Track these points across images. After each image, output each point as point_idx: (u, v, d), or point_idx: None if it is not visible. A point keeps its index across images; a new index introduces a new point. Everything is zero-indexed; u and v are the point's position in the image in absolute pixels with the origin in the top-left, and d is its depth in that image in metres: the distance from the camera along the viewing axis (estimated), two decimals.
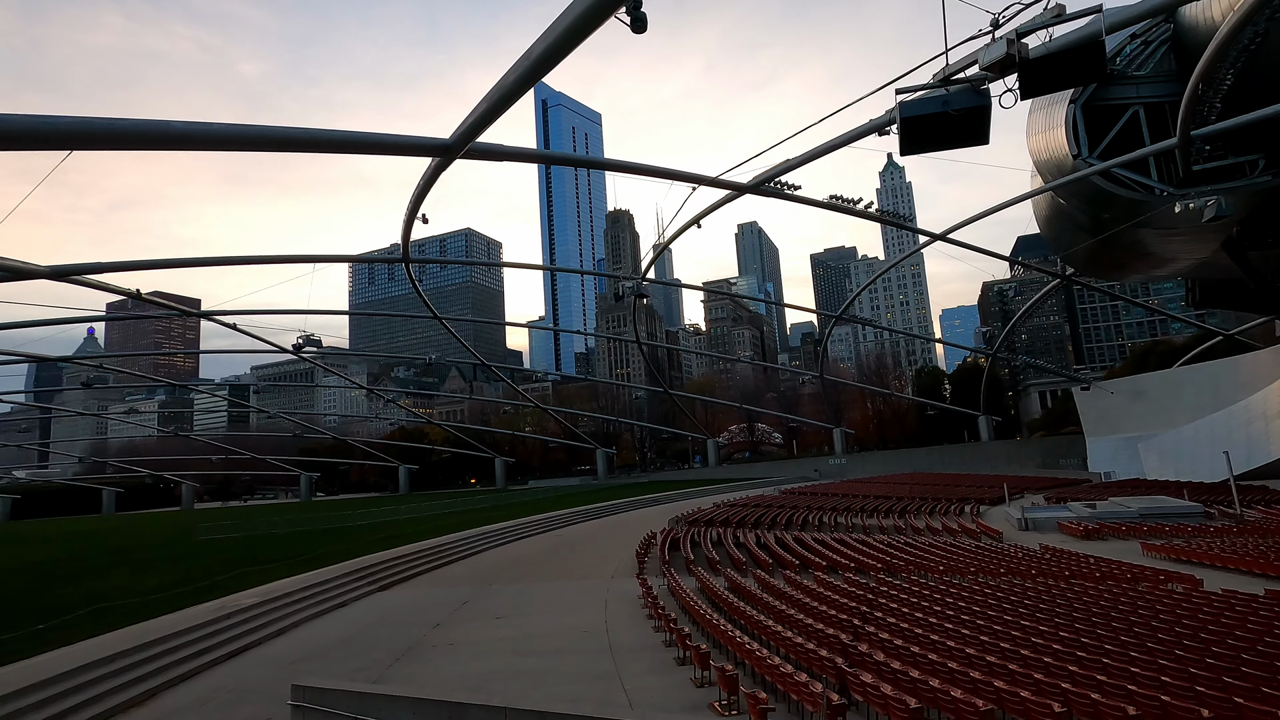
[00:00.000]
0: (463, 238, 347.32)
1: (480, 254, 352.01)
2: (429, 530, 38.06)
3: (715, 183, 29.81)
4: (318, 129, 14.49)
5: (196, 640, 16.50)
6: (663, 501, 62.25)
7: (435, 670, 14.42)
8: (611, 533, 40.66)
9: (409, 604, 22.05)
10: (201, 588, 21.91)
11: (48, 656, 14.56)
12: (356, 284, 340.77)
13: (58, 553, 39.39)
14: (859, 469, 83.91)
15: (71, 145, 11.42)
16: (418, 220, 27.47)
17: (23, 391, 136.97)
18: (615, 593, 21.83)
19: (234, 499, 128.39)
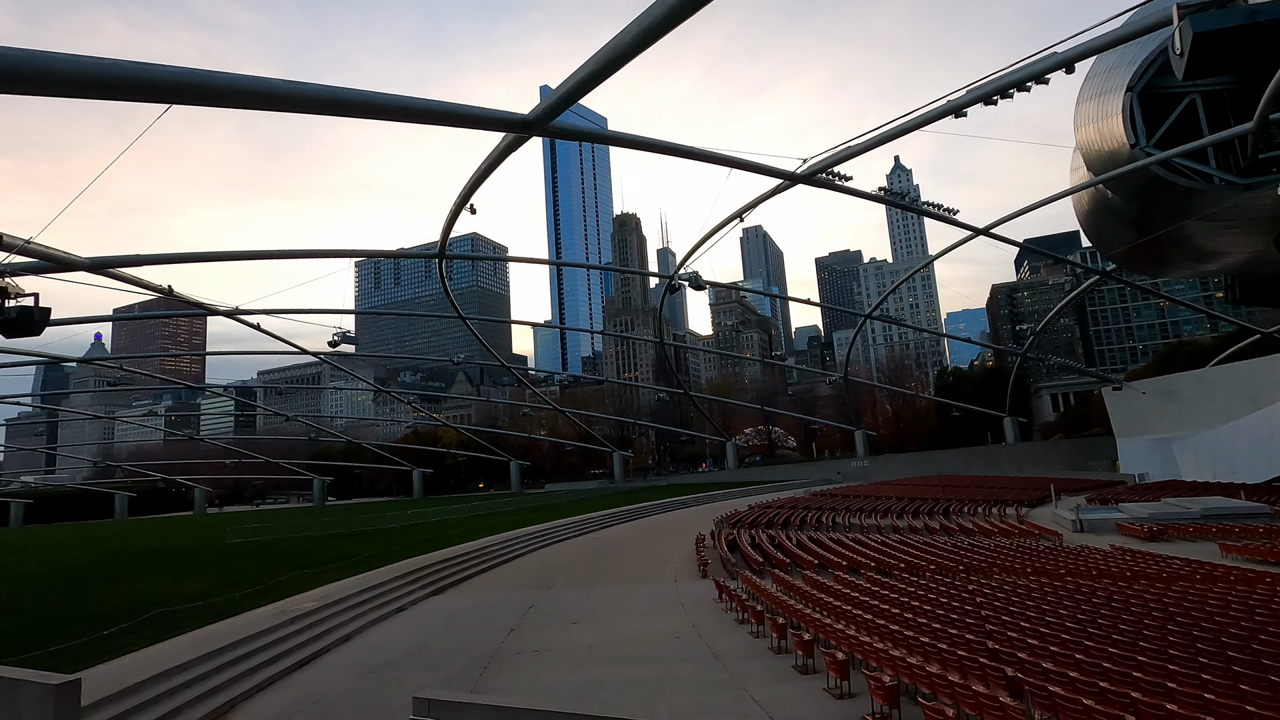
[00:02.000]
0: (468, 242, 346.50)
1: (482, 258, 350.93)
2: (465, 533, 37.05)
3: (767, 170, 28.87)
4: (401, 95, 13.67)
5: (266, 647, 15.50)
6: (690, 504, 61.20)
7: (533, 679, 13.41)
8: (649, 535, 39.65)
9: (470, 608, 21.05)
10: (255, 591, 20.91)
11: (116, 664, 13.59)
12: (363, 288, 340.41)
13: (85, 556, 38.41)
14: (882, 471, 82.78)
15: (174, 99, 10.55)
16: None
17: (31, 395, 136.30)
18: (686, 596, 20.83)
19: (245, 503, 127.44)
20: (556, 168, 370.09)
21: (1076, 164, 45.10)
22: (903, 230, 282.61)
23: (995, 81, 20.22)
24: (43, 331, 11.83)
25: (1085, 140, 38.31)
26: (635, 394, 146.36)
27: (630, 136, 20.34)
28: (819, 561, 23.18)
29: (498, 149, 19.01)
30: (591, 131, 18.73)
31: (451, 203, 27.16)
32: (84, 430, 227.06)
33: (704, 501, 63.98)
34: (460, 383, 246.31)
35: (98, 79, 9.71)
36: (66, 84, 9.65)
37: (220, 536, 46.80)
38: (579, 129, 18.09)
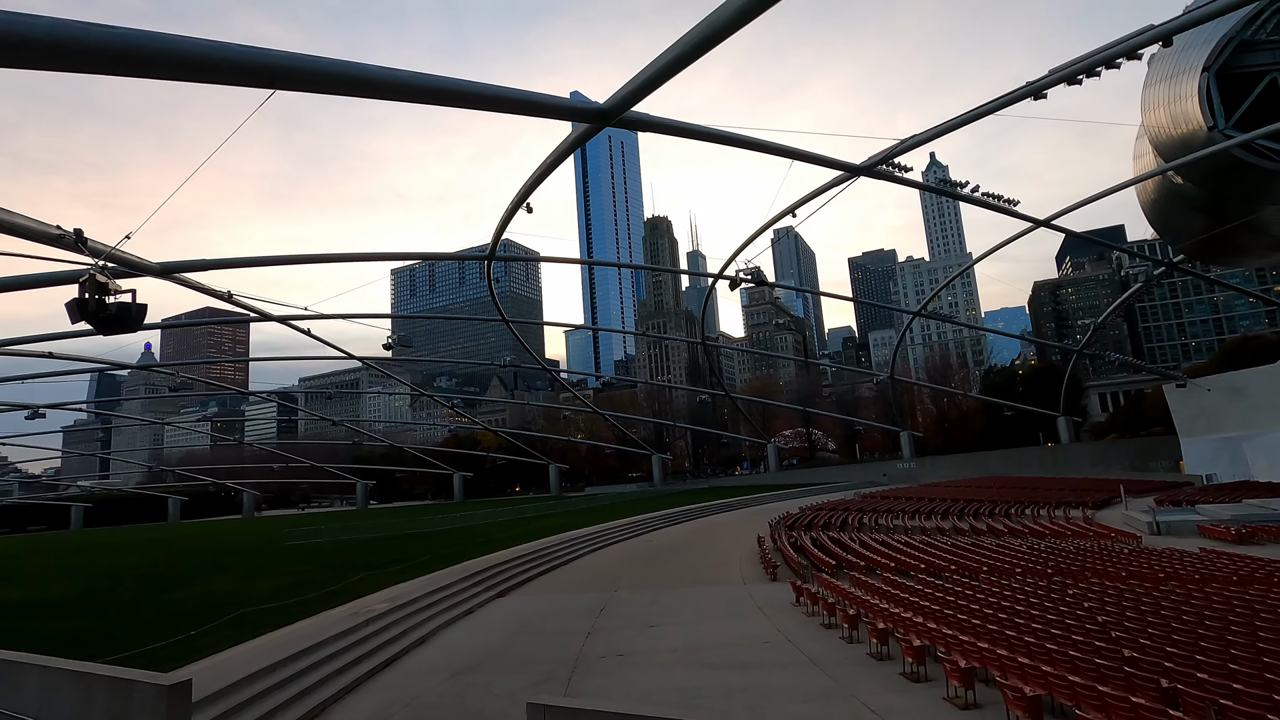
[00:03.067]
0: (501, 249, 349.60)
1: (518, 265, 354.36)
2: (517, 536, 36.86)
3: (829, 162, 28.14)
4: (483, 83, 13.44)
5: (348, 649, 15.32)
6: (734, 507, 60.38)
7: (626, 684, 12.95)
8: (702, 538, 39.01)
9: (539, 611, 20.69)
10: (325, 593, 20.85)
11: (206, 665, 13.49)
12: (399, 295, 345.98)
13: (149, 558, 39.23)
14: (930, 473, 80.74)
15: (279, 84, 10.43)
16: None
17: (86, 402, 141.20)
18: (761, 599, 20.21)
19: (291, 507, 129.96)
20: (587, 172, 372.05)
21: (1141, 150, 43.35)
22: (940, 228, 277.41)
23: (1084, 61, 19.23)
24: (139, 328, 11.81)
25: (1154, 125, 36.71)
26: (670, 397, 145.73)
27: (699, 128, 19.86)
28: (894, 564, 22.32)
29: (567, 141, 18.68)
30: (666, 123, 18.25)
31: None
32: (135, 436, 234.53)
33: (748, 504, 63.08)
34: (495, 387, 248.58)
35: (211, 62, 9.59)
36: (180, 67, 9.55)
37: (275, 539, 47.49)
38: (654, 119, 17.62)
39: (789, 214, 35.37)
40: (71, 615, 21.08)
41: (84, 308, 11.00)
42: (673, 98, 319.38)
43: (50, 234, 15.05)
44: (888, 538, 30.21)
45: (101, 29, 8.44)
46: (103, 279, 11.04)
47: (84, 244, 15.33)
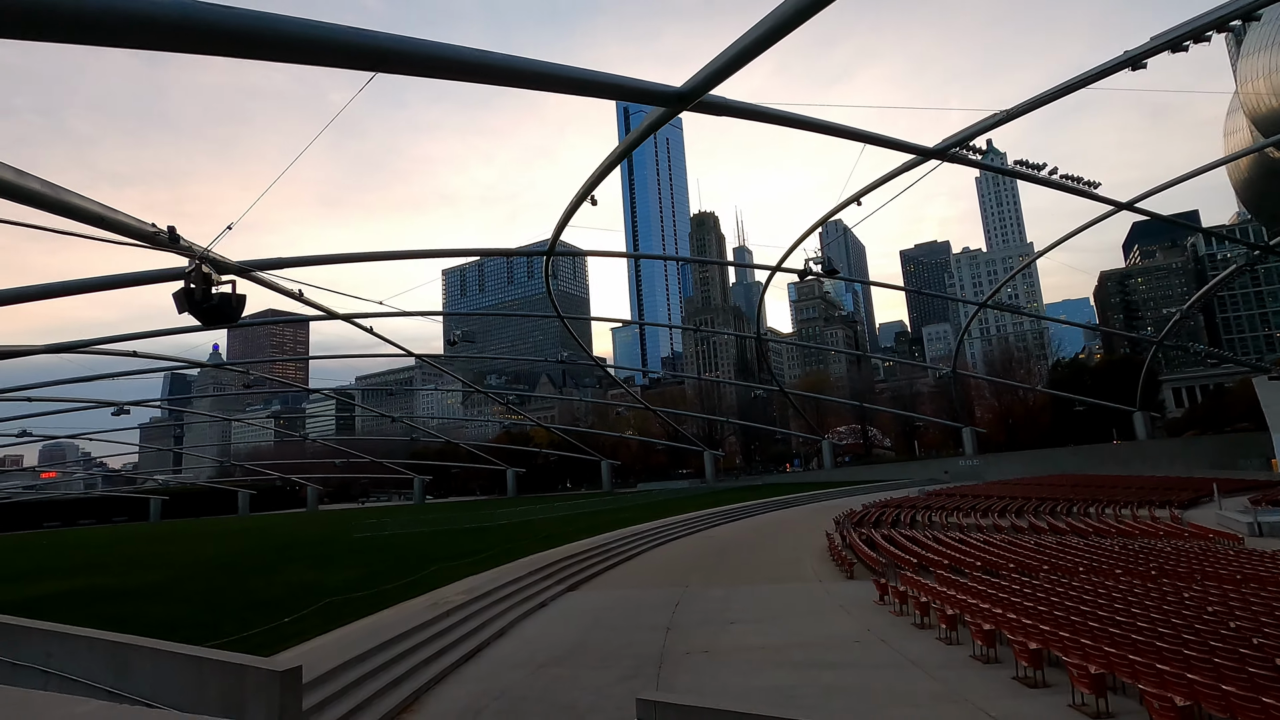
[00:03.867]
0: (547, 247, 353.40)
1: (565, 264, 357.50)
2: (579, 531, 36.89)
3: (902, 146, 27.11)
4: (566, 66, 13.30)
5: (432, 639, 15.35)
6: (792, 504, 59.35)
7: (718, 682, 12.56)
8: (765, 535, 38.32)
9: (613, 605, 20.49)
10: (402, 584, 21.08)
11: (298, 652, 13.67)
12: (450, 295, 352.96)
13: (227, 548, 40.73)
14: (994, 470, 77.85)
15: (384, 67, 10.43)
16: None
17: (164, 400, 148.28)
18: (841, 597, 19.56)
19: (351, 501, 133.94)
20: (633, 169, 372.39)
21: (1234, 126, 40.67)
22: (998, 217, 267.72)
23: (1192, 24, 17.88)
24: (238, 319, 12.01)
25: (1252, 96, 34.24)
26: (720, 394, 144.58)
27: (774, 111, 19.26)
28: (981, 563, 21.33)
29: (642, 126, 18.34)
30: (743, 106, 17.73)
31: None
32: (205, 433, 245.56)
33: (805, 501, 61.94)
34: (544, 384, 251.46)
35: (320, 44, 9.59)
36: (291, 49, 9.59)
37: (341, 531, 48.81)
38: (731, 103, 17.12)
39: (855, 201, 34.31)
40: (162, 601, 21.85)
41: (190, 297, 11.22)
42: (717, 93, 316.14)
43: (146, 231, 15.49)
44: (964, 535, 29.03)
45: (220, 9, 8.52)
46: (207, 270, 11.26)
47: (176, 241, 15.74)
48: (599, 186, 27.43)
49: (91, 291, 22.26)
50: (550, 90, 13.65)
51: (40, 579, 29.40)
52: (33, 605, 20.17)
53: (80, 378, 51.99)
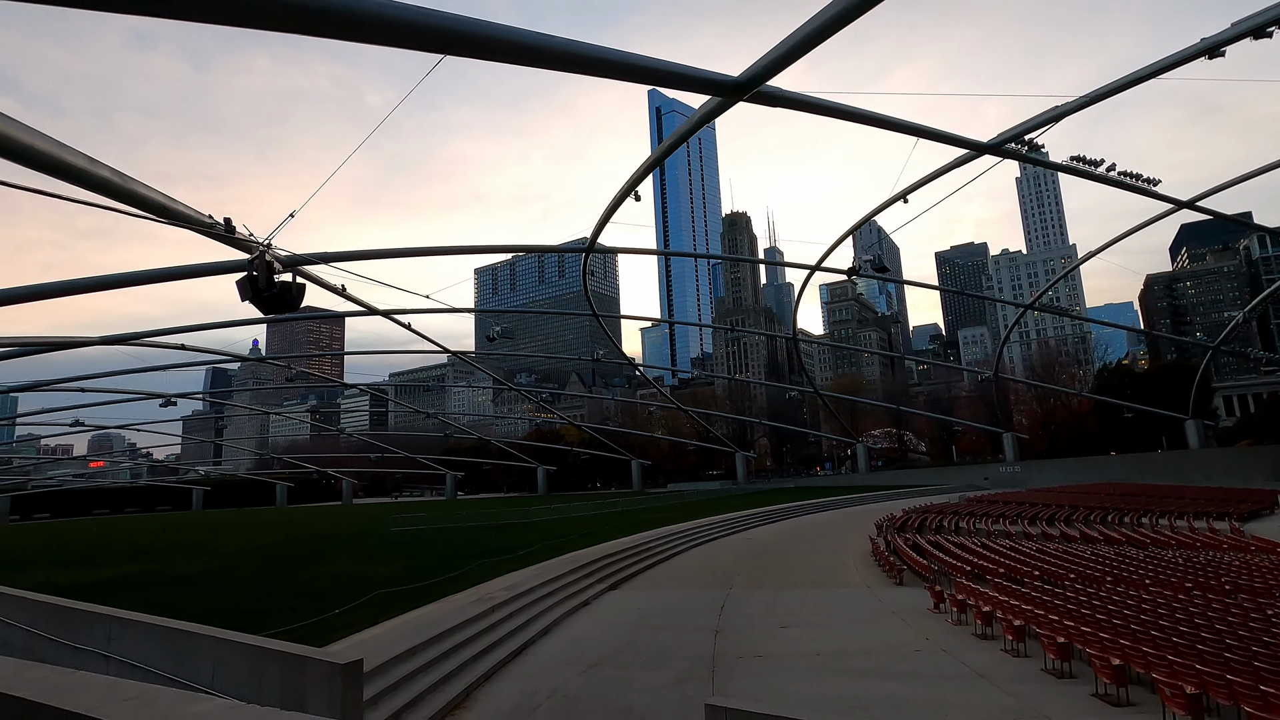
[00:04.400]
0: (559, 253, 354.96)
1: (597, 263, 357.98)
2: (614, 530, 36.67)
3: (954, 140, 26.30)
4: (626, 52, 13.03)
5: (480, 635, 15.22)
6: (827, 507, 58.39)
7: (777, 688, 12.17)
8: (803, 538, 37.66)
9: (658, 606, 20.15)
10: (448, 579, 21.05)
11: (350, 643, 13.62)
12: (483, 293, 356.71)
13: (269, 538, 41.39)
14: (1037, 477, 75.68)
15: (451, 49, 10.31)
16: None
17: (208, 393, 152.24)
18: (893, 603, 18.97)
19: (384, 495, 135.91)
20: (665, 169, 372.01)
21: None
22: (1039, 219, 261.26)
23: None
24: (298, 308, 11.99)
25: None
26: (750, 395, 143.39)
27: (831, 104, 18.72)
28: (1039, 572, 20.51)
29: (697, 117, 17.97)
30: (799, 98, 17.25)
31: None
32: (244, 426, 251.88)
33: (841, 505, 60.87)
34: (574, 383, 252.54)
35: (388, 23, 9.46)
36: (361, 28, 9.48)
37: (378, 524, 49.33)
38: (788, 94, 16.64)
39: (901, 198, 33.48)
40: (210, 590, 22.14)
41: (254, 285, 11.23)
42: None
43: (203, 222, 15.62)
44: (1015, 543, 28.07)
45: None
46: (269, 259, 11.26)
47: (232, 232, 15.86)
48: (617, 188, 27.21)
49: (149, 283, 22.71)
50: (605, 76, 13.37)
51: (93, 565, 30.14)
52: (88, 590, 20.59)
53: (130, 369, 53.49)
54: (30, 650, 14.50)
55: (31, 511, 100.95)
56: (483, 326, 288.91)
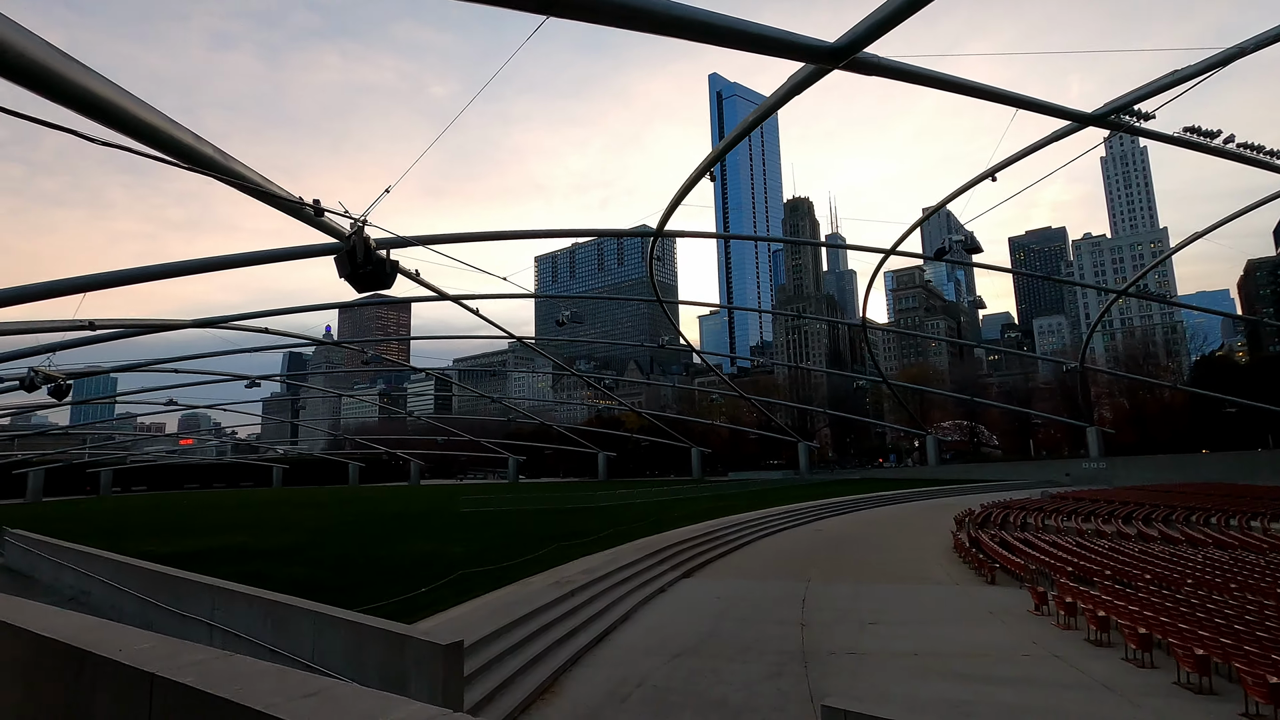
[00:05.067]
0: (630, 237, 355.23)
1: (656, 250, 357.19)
2: (684, 517, 36.32)
3: (1055, 110, 24.51)
4: (726, 15, 12.45)
5: (562, 619, 15.10)
6: (898, 500, 56.55)
7: (881, 688, 11.53)
8: (877, 531, 36.40)
9: (736, 596, 19.65)
10: (526, 560, 21.13)
11: (437, 622, 13.69)
12: (542, 281, 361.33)
13: (345, 515, 42.93)
14: (1124, 474, 71.31)
15: (553, 11, 10.06)
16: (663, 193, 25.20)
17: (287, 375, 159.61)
18: (987, 603, 17.95)
19: (449, 477, 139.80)
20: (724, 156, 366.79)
21: None
22: (1125, 200, 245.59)
23: None
24: (390, 285, 11.99)
25: None
26: (812, 384, 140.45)
27: (931, 72, 17.56)
28: (1150, 576, 19.02)
29: (787, 87, 17.13)
30: (898, 66, 16.19)
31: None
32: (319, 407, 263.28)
33: (911, 498, 58.85)
34: (631, 370, 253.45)
35: None
36: None
37: (447, 505, 50.54)
38: (886, 62, 15.62)
39: (990, 176, 31.62)
40: (295, 563, 22.88)
41: (352, 259, 11.24)
42: None
43: (294, 203, 15.85)
44: (1115, 543, 26.27)
45: None
46: (367, 235, 11.27)
47: (320, 214, 16.05)
48: (676, 173, 26.47)
49: (242, 266, 23.54)
50: (702, 40, 12.75)
51: (190, 536, 31.80)
52: (188, 560, 21.55)
53: (218, 352, 56.25)
54: (141, 617, 15.18)
55: (130, 484, 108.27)
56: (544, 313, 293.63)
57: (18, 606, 6.01)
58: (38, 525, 31.84)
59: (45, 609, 4.72)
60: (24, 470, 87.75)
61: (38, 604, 6.00)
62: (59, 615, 4.65)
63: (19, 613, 4.32)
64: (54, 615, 4.95)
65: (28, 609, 4.57)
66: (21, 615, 4.23)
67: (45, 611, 5.31)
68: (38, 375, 23.28)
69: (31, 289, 19.37)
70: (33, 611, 4.66)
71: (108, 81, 9.82)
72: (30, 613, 4.49)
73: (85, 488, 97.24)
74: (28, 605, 5.93)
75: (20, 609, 4.52)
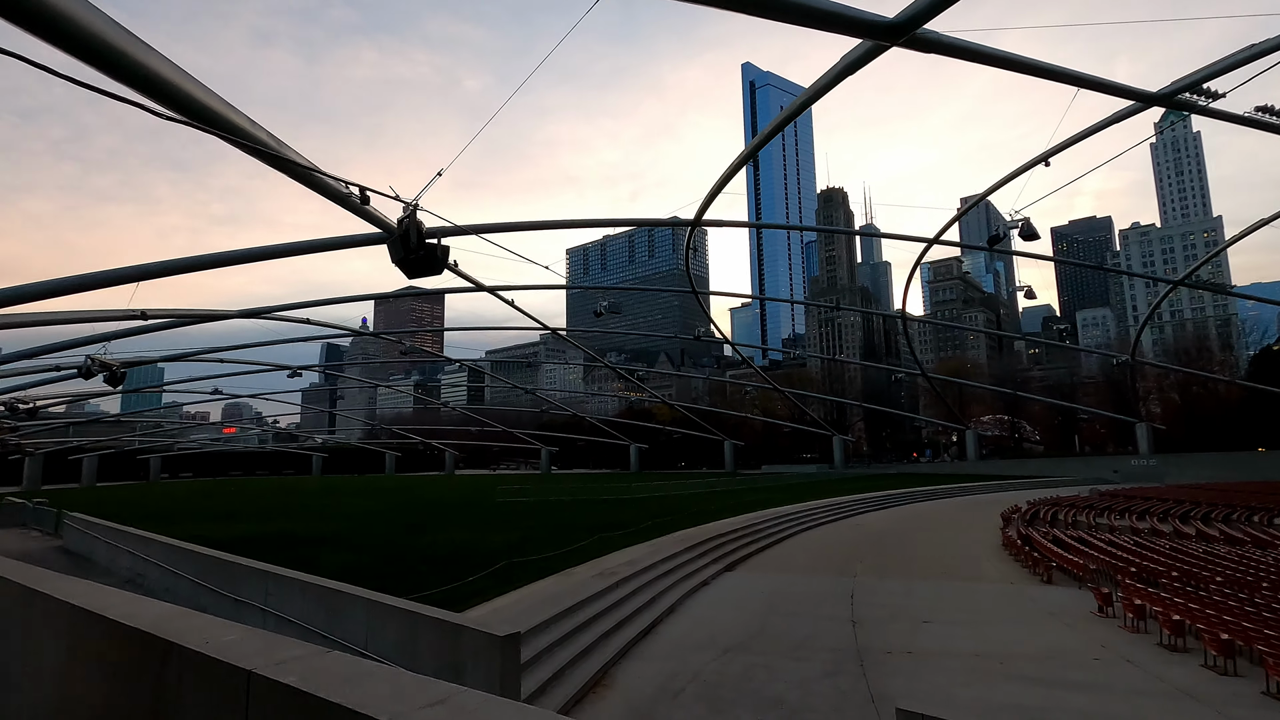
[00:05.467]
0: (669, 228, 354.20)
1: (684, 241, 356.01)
2: (720, 510, 35.88)
3: (1118, 89, 23.37)
4: None
5: (609, 611, 14.91)
6: (938, 496, 55.32)
7: (944, 691, 11.09)
8: (919, 527, 35.53)
9: (782, 591, 19.26)
10: (568, 551, 21.01)
11: (484, 612, 13.60)
12: (573, 273, 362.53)
13: (385, 504, 43.50)
14: (1176, 472, 68.84)
15: None
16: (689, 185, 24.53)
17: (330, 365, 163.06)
18: (1048, 603, 17.29)
19: (482, 467, 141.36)
20: None
21: None
22: (1176, 188, 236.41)
23: None
24: (441, 271, 11.86)
25: None
26: (846, 377, 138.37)
27: (995, 51, 16.77)
28: (1220, 578, 18.11)
29: (836, 68, 16.53)
30: (959, 43, 15.47)
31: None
32: (355, 398, 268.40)
33: (951, 494, 57.53)
34: (662, 362, 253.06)
35: None
36: None
37: (483, 495, 50.94)
38: (946, 39, 14.92)
39: (1043, 161, 30.47)
40: (341, 550, 23.11)
41: (405, 243, 11.13)
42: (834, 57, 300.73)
43: (340, 191, 15.85)
44: (1176, 544, 25.19)
45: None
46: (419, 220, 11.15)
47: (366, 202, 16.02)
48: (707, 164, 25.90)
49: (290, 256, 23.79)
50: (741, 10, 12.24)
51: (239, 521, 32.50)
52: (239, 544, 21.90)
53: (261, 342, 57.50)
54: (194, 600, 15.42)
55: (178, 471, 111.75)
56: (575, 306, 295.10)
57: (95, 591, 5.96)
58: (93, 509, 32.84)
59: (121, 594, 4.58)
60: (79, 456, 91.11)
61: (113, 589, 5.94)
62: (136, 602, 4.49)
63: (97, 597, 4.18)
64: (131, 601, 4.83)
65: (105, 594, 4.43)
66: (100, 601, 4.08)
67: (123, 597, 5.21)
68: (94, 363, 23.94)
69: (90, 277, 19.86)
70: (110, 597, 4.55)
71: (167, 60, 9.82)
72: (108, 598, 4.36)
73: (136, 474, 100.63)
74: (104, 590, 5.88)
75: (98, 594, 4.39)
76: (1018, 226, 25.54)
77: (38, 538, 31.52)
